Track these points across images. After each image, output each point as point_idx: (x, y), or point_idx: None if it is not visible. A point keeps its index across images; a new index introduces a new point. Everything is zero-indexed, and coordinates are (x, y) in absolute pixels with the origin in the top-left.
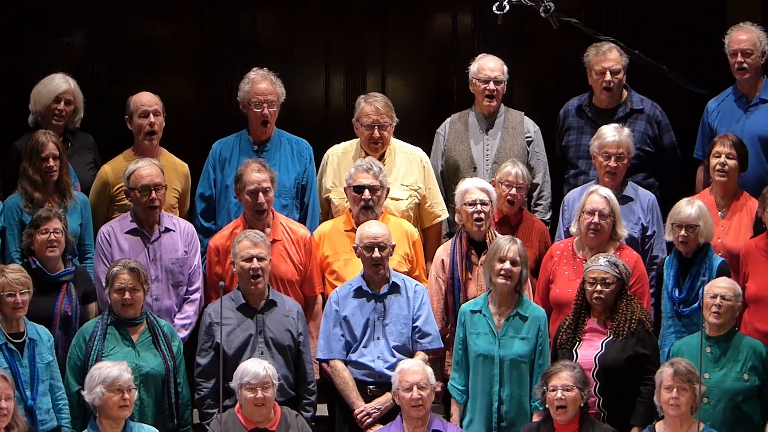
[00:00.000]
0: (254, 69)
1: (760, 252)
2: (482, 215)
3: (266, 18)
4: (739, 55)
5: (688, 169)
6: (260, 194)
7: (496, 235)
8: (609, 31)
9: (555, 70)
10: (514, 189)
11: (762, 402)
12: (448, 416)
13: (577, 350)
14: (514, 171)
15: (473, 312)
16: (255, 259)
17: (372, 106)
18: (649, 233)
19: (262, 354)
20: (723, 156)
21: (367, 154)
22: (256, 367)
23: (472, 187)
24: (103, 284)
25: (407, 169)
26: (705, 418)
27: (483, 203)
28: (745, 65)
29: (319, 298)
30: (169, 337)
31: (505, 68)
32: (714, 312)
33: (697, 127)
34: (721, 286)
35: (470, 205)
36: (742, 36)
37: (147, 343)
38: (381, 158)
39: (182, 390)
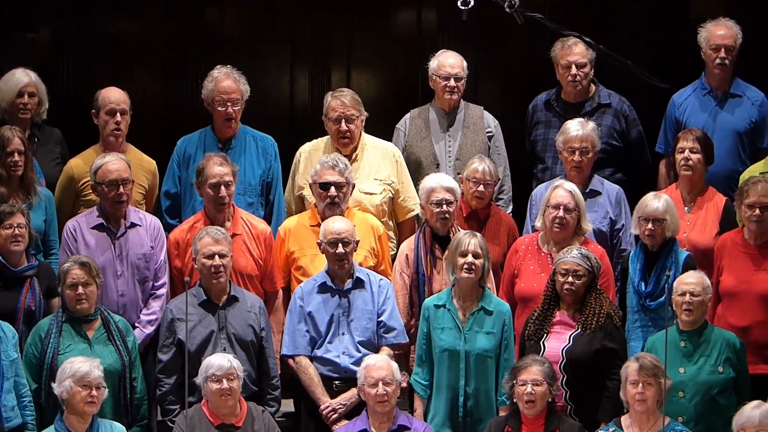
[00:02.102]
0: (218, 67)
1: (736, 246)
2: (447, 215)
3: (232, 14)
4: (723, 50)
5: (653, 164)
6: (222, 187)
7: (459, 230)
8: (574, 26)
9: (520, 66)
10: (482, 186)
11: (737, 393)
12: (412, 411)
13: (545, 342)
14: (482, 168)
15: (437, 307)
16: (216, 256)
17: (338, 100)
18: (617, 227)
19: (224, 350)
20: (687, 151)
21: (337, 150)
22: (221, 359)
23: (437, 186)
24: None
25: (380, 163)
26: (681, 412)
27: (448, 203)
28: (726, 61)
29: (280, 293)
30: (124, 333)
31: (465, 64)
32: (685, 310)
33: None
34: (689, 281)
35: (435, 204)
36: (725, 32)
37: (102, 339)
38: (352, 154)
39: (138, 385)
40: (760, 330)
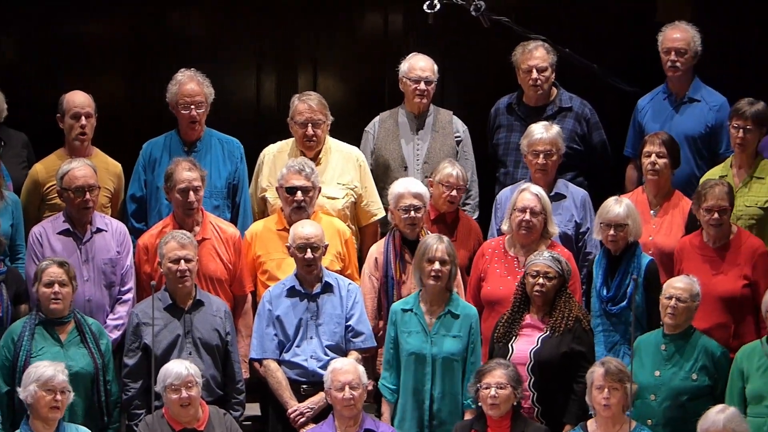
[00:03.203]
0: (182, 70)
1: (694, 249)
2: (415, 221)
3: (198, 17)
4: (673, 53)
5: (619, 167)
6: (191, 193)
7: (428, 234)
8: (540, 29)
9: (486, 69)
10: (454, 191)
11: (715, 403)
12: (379, 415)
13: (513, 345)
14: (455, 173)
15: (404, 311)
16: (182, 261)
17: (305, 104)
18: (582, 230)
19: (190, 354)
20: (653, 155)
21: (302, 154)
22: (178, 367)
23: (405, 192)
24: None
25: (343, 167)
26: (650, 415)
27: (416, 209)
28: (678, 64)
29: (249, 296)
30: (98, 336)
31: (436, 67)
32: (669, 314)
33: (629, 125)
34: (677, 286)
35: (403, 210)
36: (677, 35)
37: (75, 342)
38: (317, 157)
39: (111, 388)
40: (721, 332)
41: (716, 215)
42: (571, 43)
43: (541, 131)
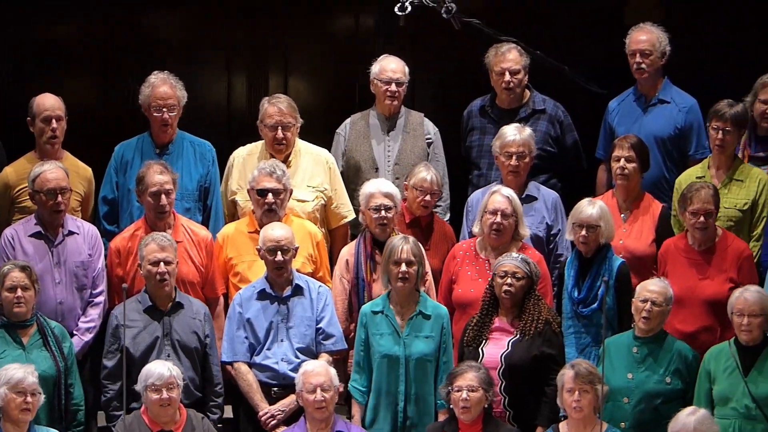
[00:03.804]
0: (155, 72)
1: (679, 252)
2: (386, 220)
3: (169, 19)
4: (638, 55)
5: (591, 169)
6: (162, 196)
7: (398, 233)
8: (511, 31)
9: (457, 71)
10: (428, 195)
11: (686, 405)
12: (350, 417)
13: (484, 349)
14: (429, 177)
15: (374, 313)
16: (162, 263)
17: (275, 107)
18: (553, 232)
19: (168, 356)
20: (622, 160)
21: (272, 156)
22: (161, 368)
23: (376, 192)
24: None
25: (313, 170)
26: (623, 418)
27: (387, 208)
28: (643, 65)
29: (221, 299)
30: (60, 339)
31: (407, 69)
32: (644, 317)
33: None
34: (652, 289)
35: (374, 210)
36: (642, 36)
37: (38, 345)
38: (286, 159)
39: (74, 391)
40: (707, 335)
41: (702, 218)
42: (541, 45)
43: (514, 133)
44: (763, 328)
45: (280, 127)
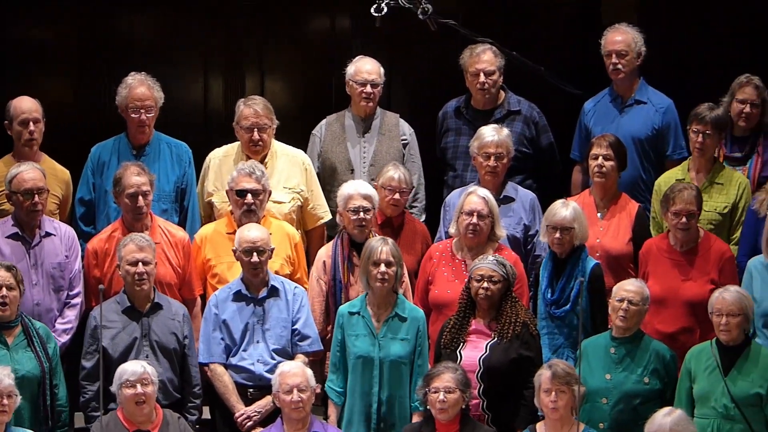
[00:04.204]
0: (132, 74)
1: (661, 252)
2: (364, 222)
3: (145, 20)
4: (614, 56)
5: (566, 170)
6: (140, 197)
7: (375, 236)
8: (487, 32)
9: (433, 72)
10: (397, 194)
11: (664, 405)
12: (327, 417)
13: (461, 351)
14: (397, 176)
15: (351, 314)
16: (140, 264)
17: (251, 108)
18: (531, 232)
19: (147, 357)
20: (600, 158)
21: (248, 158)
22: (134, 365)
23: (355, 194)
24: None
25: (289, 171)
26: (602, 418)
27: (365, 210)
28: (619, 66)
29: (198, 300)
30: (45, 339)
31: (382, 70)
32: (621, 316)
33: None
34: (629, 289)
35: (353, 212)
36: (618, 37)
37: (22, 345)
38: (262, 161)
39: (58, 392)
40: (686, 337)
41: (684, 219)
42: (517, 46)
43: (492, 134)
44: (743, 328)
45: (256, 129)
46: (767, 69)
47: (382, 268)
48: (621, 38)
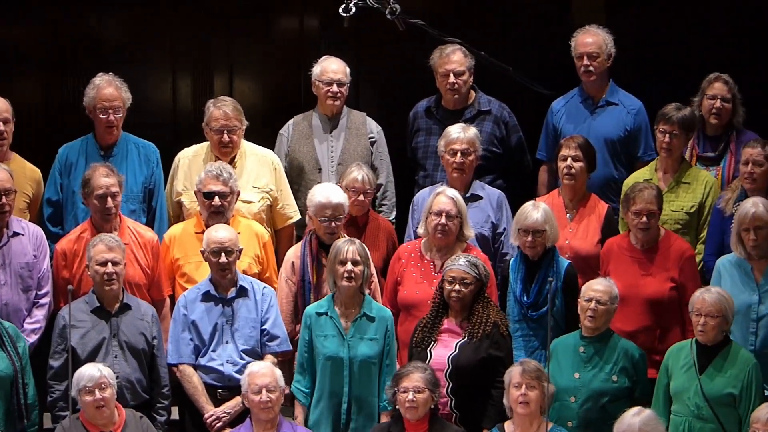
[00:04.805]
0: (99, 74)
1: (622, 251)
2: (336, 230)
3: (114, 21)
4: (585, 58)
5: (534, 170)
6: (109, 199)
7: (343, 236)
8: (455, 32)
9: (402, 73)
10: (361, 195)
11: (633, 404)
12: (294, 418)
13: (432, 350)
14: (361, 177)
15: (319, 314)
16: (109, 264)
17: (221, 110)
18: (499, 231)
19: (116, 357)
20: (569, 159)
21: (217, 158)
22: (91, 370)
23: (326, 203)
24: None
25: (258, 171)
26: (570, 417)
27: (337, 219)
28: (591, 68)
29: (167, 301)
30: (14, 339)
31: (348, 70)
32: (589, 316)
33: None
34: (597, 289)
35: (325, 220)
36: (588, 39)
37: None
38: (232, 161)
39: (29, 391)
40: (646, 335)
41: (644, 219)
42: (485, 46)
43: (458, 131)
44: (721, 329)
45: (225, 131)
46: (737, 69)
47: (349, 266)
48: (592, 40)
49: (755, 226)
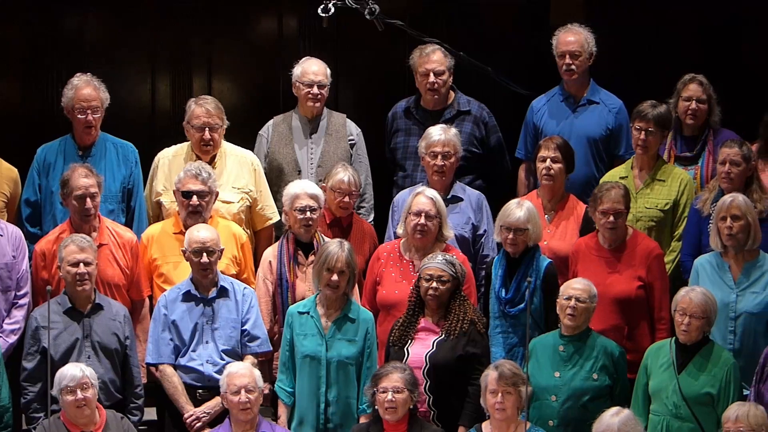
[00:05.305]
0: (78, 74)
1: (590, 250)
2: (311, 222)
3: (92, 20)
4: (567, 57)
5: (513, 170)
6: (87, 199)
7: (323, 238)
8: (434, 33)
9: (381, 73)
10: (347, 196)
11: (613, 402)
12: (276, 418)
13: (409, 348)
14: (347, 178)
15: (301, 313)
16: (81, 264)
17: (202, 108)
18: (479, 232)
19: (89, 358)
20: (548, 160)
21: (198, 157)
22: (73, 369)
23: (301, 193)
24: None
25: (238, 172)
26: (551, 416)
27: (312, 210)
28: (573, 67)
29: (147, 301)
30: None
31: (329, 71)
32: (569, 314)
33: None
34: (576, 287)
35: (299, 211)
36: (570, 38)
37: None
38: (212, 161)
39: (3, 392)
40: (614, 334)
41: (611, 218)
42: (464, 46)
43: (439, 133)
44: (703, 330)
45: (207, 129)
46: (714, 69)
47: (335, 277)
48: (574, 39)
49: (732, 214)
